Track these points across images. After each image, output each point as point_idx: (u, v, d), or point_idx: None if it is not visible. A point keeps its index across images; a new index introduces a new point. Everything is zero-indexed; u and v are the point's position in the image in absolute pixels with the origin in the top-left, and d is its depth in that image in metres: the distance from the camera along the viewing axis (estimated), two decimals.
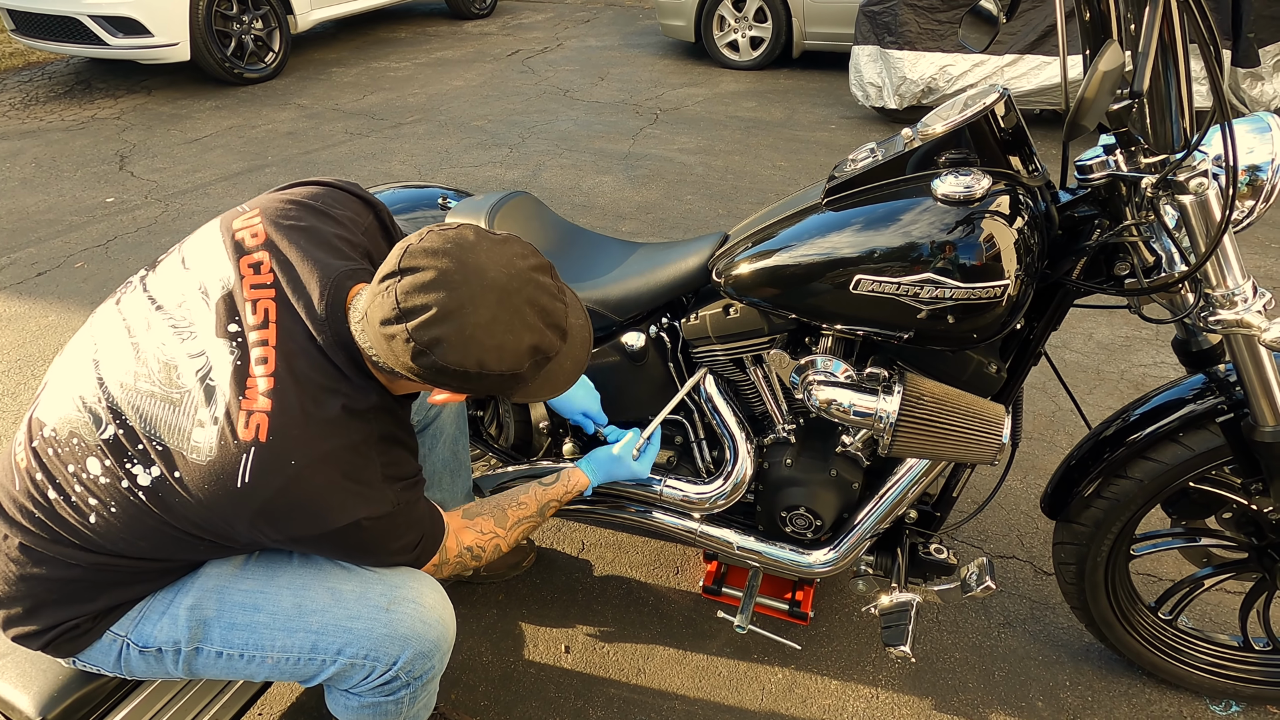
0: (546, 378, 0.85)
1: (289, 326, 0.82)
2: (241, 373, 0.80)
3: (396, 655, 0.94)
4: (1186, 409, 1.11)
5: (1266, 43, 3.60)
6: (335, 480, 0.81)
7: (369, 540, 0.88)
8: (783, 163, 3.74)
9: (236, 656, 0.94)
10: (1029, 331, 1.12)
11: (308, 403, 0.80)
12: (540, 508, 1.13)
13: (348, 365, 0.84)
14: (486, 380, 0.80)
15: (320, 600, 0.94)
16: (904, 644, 1.19)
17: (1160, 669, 1.34)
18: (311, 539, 0.85)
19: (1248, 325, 0.92)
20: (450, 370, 0.77)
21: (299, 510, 0.81)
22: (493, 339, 0.77)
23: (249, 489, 0.78)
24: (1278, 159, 0.92)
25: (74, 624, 0.89)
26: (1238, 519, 1.20)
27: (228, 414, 0.79)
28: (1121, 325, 2.42)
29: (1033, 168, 1.01)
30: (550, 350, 0.82)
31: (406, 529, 0.92)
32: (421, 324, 0.75)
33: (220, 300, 0.84)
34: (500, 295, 0.77)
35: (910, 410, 1.05)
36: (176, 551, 0.87)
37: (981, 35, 1.05)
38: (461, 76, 5.26)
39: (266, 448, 0.78)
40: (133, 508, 0.82)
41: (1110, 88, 0.73)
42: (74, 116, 4.61)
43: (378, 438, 0.86)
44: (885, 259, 0.99)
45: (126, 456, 0.81)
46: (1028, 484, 1.84)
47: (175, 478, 0.80)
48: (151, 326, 0.85)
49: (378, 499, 0.85)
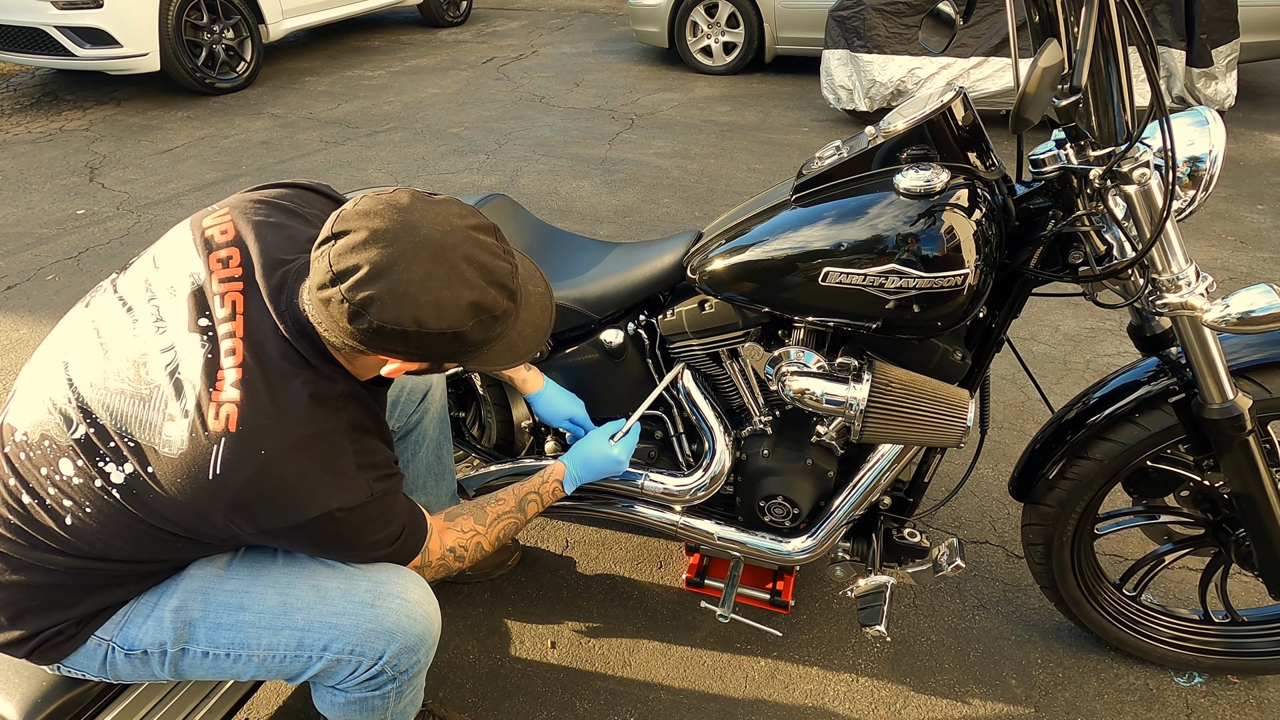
0: (504, 344, 0.84)
1: (255, 318, 0.83)
2: (212, 365, 0.80)
3: (382, 650, 0.95)
4: (1141, 390, 1.16)
5: (1219, 43, 3.74)
6: (306, 469, 0.81)
7: (345, 532, 0.87)
8: (757, 165, 3.80)
9: (223, 656, 0.94)
10: (991, 320, 1.17)
11: (276, 392, 0.81)
12: (519, 501, 1.13)
13: (311, 353, 0.84)
14: (429, 340, 0.78)
15: (305, 598, 0.95)
16: (879, 624, 1.23)
17: (1126, 644, 1.40)
18: (286, 531, 0.84)
19: (1191, 307, 0.97)
20: (388, 330, 0.76)
21: (271, 501, 0.81)
22: (428, 295, 0.75)
23: (220, 480, 0.78)
24: (1215, 150, 0.98)
25: (57, 630, 0.89)
26: (1194, 496, 1.26)
27: (198, 406, 0.79)
28: (1087, 317, 2.50)
29: (989, 162, 1.06)
30: (495, 309, 0.80)
31: (384, 522, 0.92)
32: (354, 284, 0.74)
33: (190, 295, 0.84)
34: (435, 251, 0.76)
35: (879, 397, 1.09)
36: (155, 551, 0.87)
37: (940, 37, 1.09)
38: (436, 84, 5.26)
39: (236, 438, 0.78)
40: (108, 507, 0.82)
41: (1050, 83, 0.78)
42: (41, 128, 4.54)
43: (348, 426, 0.86)
44: (852, 251, 1.03)
45: (99, 455, 0.81)
46: (998, 471, 1.89)
47: (149, 473, 0.80)
48: (121, 326, 0.86)
49: (351, 488, 0.85)
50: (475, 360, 0.85)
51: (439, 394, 1.41)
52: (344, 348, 0.82)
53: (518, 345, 0.86)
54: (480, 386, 1.52)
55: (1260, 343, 1.12)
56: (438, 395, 1.40)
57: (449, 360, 0.83)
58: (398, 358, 0.82)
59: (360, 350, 0.81)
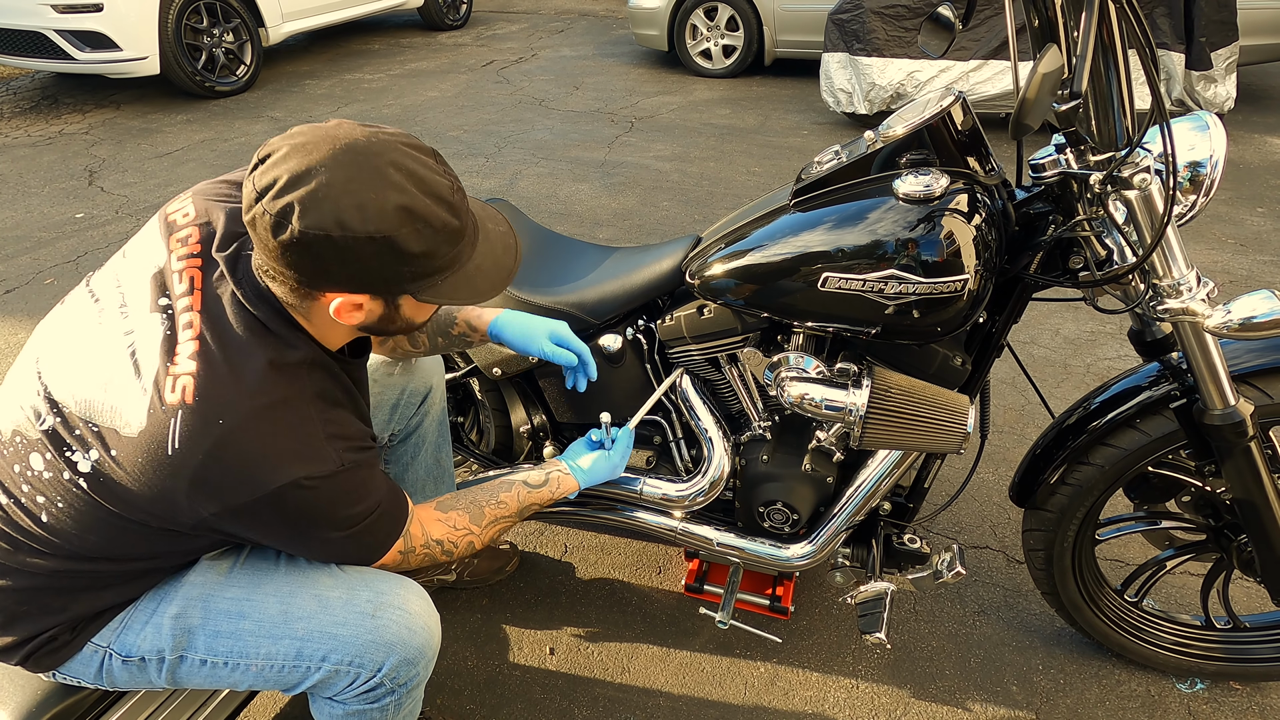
0: (461, 275, 0.81)
1: (212, 290, 0.81)
2: (170, 341, 0.79)
3: (381, 662, 0.94)
4: (1142, 396, 1.15)
5: (1218, 46, 3.74)
6: (268, 437, 0.78)
7: (315, 506, 0.82)
8: (757, 168, 3.80)
9: (221, 665, 0.94)
10: (991, 325, 1.16)
11: (233, 361, 0.78)
12: (520, 509, 1.11)
13: (272, 318, 0.81)
14: (359, 250, 0.73)
15: (307, 607, 0.94)
16: (879, 631, 1.22)
17: (1128, 650, 1.39)
18: (252, 508, 0.79)
19: (1193, 313, 0.97)
20: (311, 237, 0.72)
21: (233, 473, 0.77)
22: (351, 197, 0.72)
23: (179, 455, 0.76)
24: (1216, 155, 0.97)
25: (49, 636, 0.89)
26: (1196, 501, 1.25)
27: (155, 382, 0.77)
28: (1087, 321, 2.49)
29: (989, 167, 1.05)
30: (431, 218, 0.75)
31: (358, 496, 0.87)
32: (273, 194, 0.72)
33: (152, 278, 0.83)
34: (358, 156, 0.73)
35: (879, 403, 1.08)
36: (132, 546, 0.85)
37: (940, 41, 1.09)
38: (436, 87, 5.27)
39: (194, 410, 0.76)
40: (78, 501, 0.81)
41: (1050, 88, 0.77)
42: (41, 132, 4.54)
43: (313, 394, 0.83)
44: (851, 257, 1.03)
45: (65, 445, 0.80)
46: (999, 476, 1.88)
47: (112, 456, 0.78)
48: (88, 317, 0.85)
49: (318, 456, 0.81)
50: (429, 289, 0.80)
51: (439, 397, 1.40)
52: (287, 287, 0.78)
53: (477, 280, 0.82)
54: (479, 391, 1.52)
55: (1262, 348, 1.11)
56: (437, 398, 1.40)
57: (396, 284, 0.78)
58: (339, 287, 0.77)
59: (299, 285, 0.77)
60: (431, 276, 0.80)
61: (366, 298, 0.79)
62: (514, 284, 1.32)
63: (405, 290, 0.80)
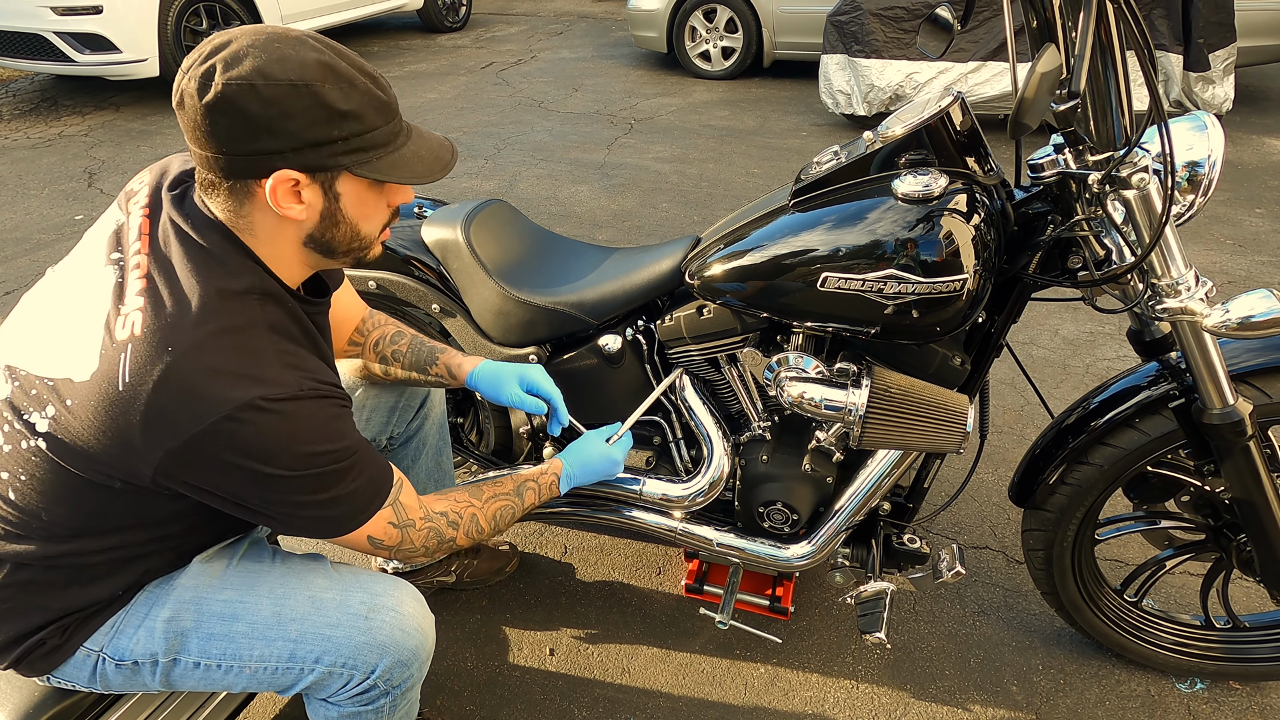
0: (397, 155, 0.80)
1: (160, 231, 0.81)
2: (120, 286, 0.79)
3: (374, 664, 0.94)
4: (1141, 395, 1.16)
5: (1216, 48, 3.75)
6: (219, 360, 0.76)
7: (275, 436, 0.77)
8: (756, 170, 3.80)
9: (214, 667, 0.93)
10: (990, 325, 1.16)
11: (180, 292, 0.77)
12: (517, 486, 1.09)
13: (218, 245, 0.80)
14: (283, 98, 0.72)
15: (300, 608, 0.94)
16: (879, 631, 1.22)
17: (1128, 650, 1.39)
18: (207, 439, 0.75)
19: (1191, 312, 0.97)
20: (234, 89, 0.71)
21: (184, 399, 0.74)
22: (272, 52, 0.73)
23: (130, 389, 0.74)
24: (1214, 155, 0.97)
25: (38, 640, 0.88)
26: (1195, 501, 1.25)
27: (106, 324, 0.77)
28: (1086, 321, 2.50)
29: (988, 167, 1.05)
30: (351, 79, 0.76)
31: (325, 434, 0.82)
32: (197, 64, 0.73)
33: (107, 240, 0.84)
34: (279, 33, 0.75)
35: (878, 403, 1.08)
36: (102, 516, 0.83)
37: (938, 42, 1.09)
38: (436, 89, 5.27)
39: (142, 341, 0.75)
40: (39, 469, 0.80)
41: (1048, 88, 0.77)
42: (40, 134, 4.54)
43: (266, 325, 0.81)
44: (850, 257, 1.03)
45: (23, 411, 0.80)
46: (998, 476, 1.89)
47: (68, 407, 0.77)
48: (49, 288, 0.86)
49: (274, 380, 0.78)
50: (364, 165, 0.78)
51: (438, 399, 1.40)
52: (224, 185, 0.77)
53: (415, 163, 0.82)
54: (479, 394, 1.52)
55: (1260, 347, 1.11)
56: (437, 401, 1.40)
57: (329, 152, 0.76)
58: (270, 157, 0.75)
59: (232, 169, 0.76)
60: (366, 152, 0.78)
61: (304, 178, 0.77)
62: (514, 284, 1.32)
63: (340, 164, 0.78)
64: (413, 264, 1.39)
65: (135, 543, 0.89)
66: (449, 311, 1.40)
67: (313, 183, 0.78)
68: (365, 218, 0.84)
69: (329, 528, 0.88)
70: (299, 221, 0.81)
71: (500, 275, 1.33)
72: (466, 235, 1.33)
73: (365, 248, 0.88)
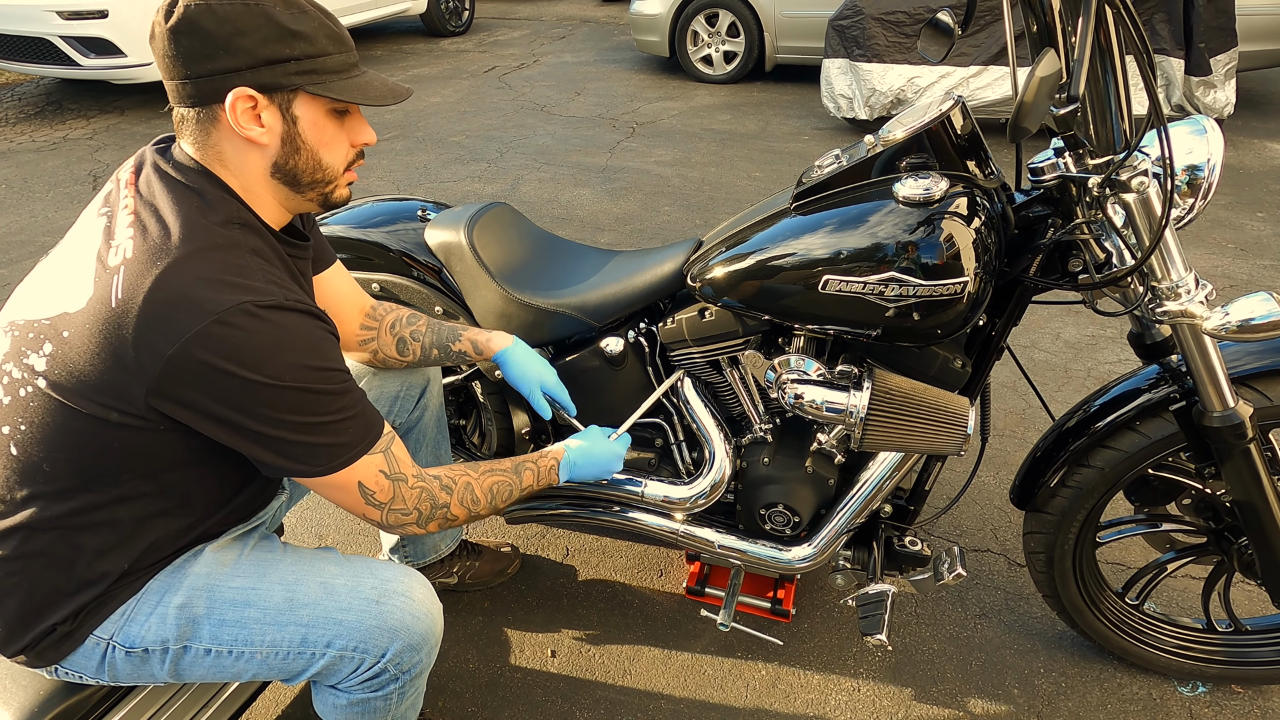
0: (352, 82, 0.85)
1: (143, 179, 0.86)
2: (109, 227, 0.84)
3: (385, 647, 0.95)
4: (1142, 398, 1.16)
5: (1217, 52, 3.75)
6: (207, 269, 0.79)
7: (266, 341, 0.79)
8: (757, 173, 3.81)
9: (225, 654, 0.94)
10: (991, 327, 1.17)
11: (166, 219, 0.82)
12: (515, 465, 1.08)
13: (197, 180, 0.85)
14: (236, 15, 0.78)
15: (312, 594, 0.95)
16: (880, 633, 1.22)
17: (1129, 653, 1.39)
18: (196, 348, 0.76)
19: (1191, 315, 0.97)
20: (192, 9, 0.78)
21: (176, 307, 0.76)
22: None
23: (122, 304, 0.77)
24: (1213, 158, 0.98)
25: (52, 624, 0.89)
26: (1196, 504, 1.25)
27: (98, 256, 0.82)
28: (1087, 325, 2.50)
29: (988, 170, 1.06)
30: (304, 5, 0.82)
31: (315, 350, 0.83)
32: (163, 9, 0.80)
33: (99, 202, 0.89)
34: None
35: (879, 405, 1.09)
36: (99, 459, 0.83)
37: (939, 47, 1.10)
38: (439, 93, 5.29)
39: (133, 262, 0.79)
40: (39, 413, 0.81)
41: (1048, 92, 0.78)
42: (45, 137, 4.56)
43: (248, 249, 0.84)
44: (851, 259, 1.03)
45: (23, 354, 0.82)
46: (1000, 479, 1.89)
47: (64, 338, 0.80)
48: (50, 256, 0.90)
49: (260, 290, 0.80)
50: (317, 84, 0.83)
51: (436, 390, 1.41)
52: (192, 111, 0.82)
53: (367, 89, 0.86)
54: (480, 394, 1.52)
55: (1261, 350, 1.11)
56: (435, 391, 1.41)
57: (280, 63, 0.80)
58: (228, 75, 0.80)
59: (196, 91, 0.81)
60: (319, 75, 0.83)
61: (261, 99, 0.82)
62: (517, 287, 1.33)
63: (294, 84, 0.82)
64: (415, 266, 1.40)
65: (138, 496, 0.88)
66: (451, 313, 1.40)
67: (270, 104, 0.83)
68: (324, 145, 0.88)
69: (319, 458, 0.87)
70: (262, 147, 0.85)
71: (503, 278, 1.34)
72: (469, 238, 1.34)
73: (329, 181, 0.91)
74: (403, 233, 1.41)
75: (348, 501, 0.93)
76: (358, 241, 1.41)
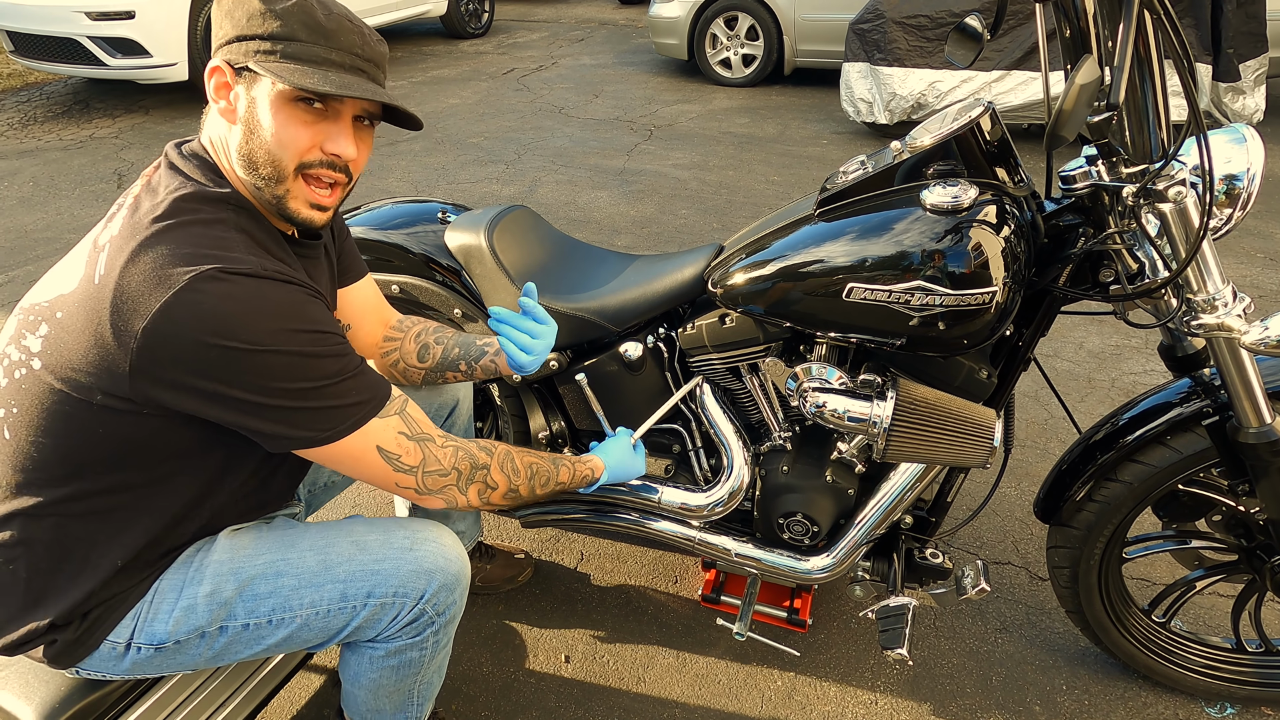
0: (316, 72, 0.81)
1: (160, 164, 0.88)
2: (112, 213, 0.86)
3: (424, 589, 0.96)
4: (1173, 412, 1.13)
5: (1246, 58, 3.69)
6: (181, 241, 0.78)
7: (239, 306, 0.76)
8: (776, 177, 3.79)
9: (264, 624, 0.94)
10: (1018, 338, 1.15)
11: (157, 197, 0.83)
12: (553, 458, 1.09)
13: (199, 164, 0.86)
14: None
15: (345, 552, 0.96)
16: (901, 647, 1.20)
17: (1155, 672, 1.36)
18: (168, 318, 0.74)
19: (1229, 329, 0.95)
20: None
21: (145, 280, 0.75)
22: None
23: (104, 279, 0.78)
24: (1253, 168, 0.95)
25: (58, 627, 0.88)
26: (1227, 521, 1.22)
27: (94, 241, 0.83)
28: (1112, 334, 2.46)
29: (1018, 178, 1.04)
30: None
31: (297, 315, 0.80)
32: None
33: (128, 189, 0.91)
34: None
35: (903, 415, 1.07)
36: (85, 445, 0.82)
37: (967, 51, 1.08)
38: (458, 95, 5.32)
39: (116, 239, 0.80)
40: (30, 396, 0.81)
41: (1087, 100, 0.76)
42: (72, 136, 4.64)
43: (236, 226, 0.83)
44: (877, 267, 1.02)
45: (22, 335, 0.83)
46: (1022, 490, 1.86)
47: (57, 319, 0.80)
48: None
49: (241, 260, 0.79)
50: (270, 59, 0.80)
51: (465, 409, 1.41)
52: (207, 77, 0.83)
53: (319, 77, 0.81)
54: (498, 397, 1.52)
55: None
56: (464, 411, 1.40)
57: (248, 40, 0.80)
58: (218, 47, 0.82)
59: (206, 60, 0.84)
60: (282, 59, 0.80)
61: (229, 72, 0.82)
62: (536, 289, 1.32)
63: (244, 63, 0.80)
64: (435, 268, 1.40)
65: (131, 486, 0.86)
66: (471, 316, 1.40)
67: (238, 79, 0.82)
68: (278, 134, 0.82)
69: (322, 423, 0.83)
70: (231, 126, 0.85)
71: (523, 281, 1.33)
72: (489, 241, 1.34)
73: (279, 178, 0.84)
74: (423, 235, 1.41)
75: (374, 473, 0.89)
76: (378, 243, 1.41)
